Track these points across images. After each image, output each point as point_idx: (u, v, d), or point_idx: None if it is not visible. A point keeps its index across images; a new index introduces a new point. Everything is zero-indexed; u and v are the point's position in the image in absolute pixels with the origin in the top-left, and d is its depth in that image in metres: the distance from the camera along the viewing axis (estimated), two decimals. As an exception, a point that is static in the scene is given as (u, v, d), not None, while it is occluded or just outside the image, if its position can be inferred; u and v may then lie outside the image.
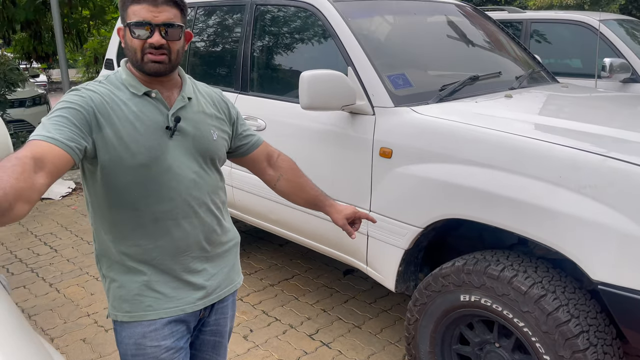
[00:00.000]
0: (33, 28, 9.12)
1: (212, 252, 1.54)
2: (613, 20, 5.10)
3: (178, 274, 1.47)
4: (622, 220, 1.68)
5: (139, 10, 1.32)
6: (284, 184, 1.72)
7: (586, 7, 11.14)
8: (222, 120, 1.56)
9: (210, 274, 1.54)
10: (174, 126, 1.40)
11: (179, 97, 1.44)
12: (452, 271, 2.08)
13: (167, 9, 1.34)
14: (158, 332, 1.45)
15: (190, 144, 1.44)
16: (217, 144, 1.52)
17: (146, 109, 1.38)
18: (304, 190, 1.74)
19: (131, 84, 1.39)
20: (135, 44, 1.34)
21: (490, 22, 3.45)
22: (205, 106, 1.51)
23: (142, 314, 1.44)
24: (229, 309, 1.65)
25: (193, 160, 1.45)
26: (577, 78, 4.57)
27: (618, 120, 2.35)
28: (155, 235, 1.42)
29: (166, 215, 1.42)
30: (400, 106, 2.35)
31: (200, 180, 1.47)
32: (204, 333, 1.62)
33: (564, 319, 1.80)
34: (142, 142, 1.35)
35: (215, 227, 1.53)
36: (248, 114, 2.99)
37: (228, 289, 1.61)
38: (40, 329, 3.08)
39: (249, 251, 4.12)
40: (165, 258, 1.45)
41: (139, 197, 1.39)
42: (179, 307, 1.47)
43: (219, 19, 3.44)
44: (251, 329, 3.03)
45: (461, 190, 2.04)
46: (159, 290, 1.45)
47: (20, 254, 4.18)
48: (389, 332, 2.98)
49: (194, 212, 1.46)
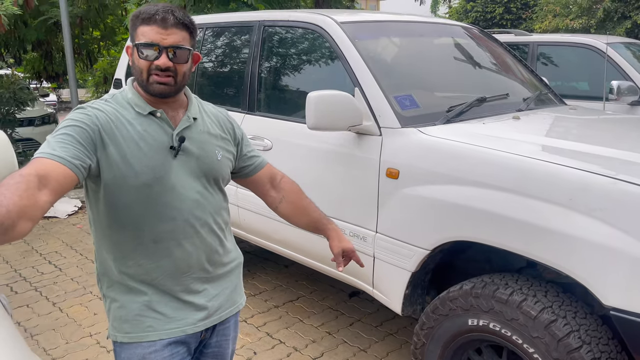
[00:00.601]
0: (44, 48, 9.24)
1: (214, 273, 1.53)
2: (620, 44, 5.11)
3: (179, 294, 1.46)
4: (633, 243, 1.65)
5: (148, 32, 1.33)
6: (286, 206, 1.71)
7: (592, 30, 11.19)
8: (227, 140, 1.56)
9: (211, 295, 1.52)
10: (178, 146, 1.40)
11: (184, 117, 1.44)
12: (460, 294, 2.04)
13: (176, 32, 1.35)
14: (158, 353, 1.43)
15: (194, 164, 1.44)
16: (222, 164, 1.51)
17: (151, 129, 1.38)
18: (306, 213, 1.72)
19: (137, 104, 1.39)
20: (142, 65, 1.35)
21: (497, 44, 3.46)
22: (210, 126, 1.51)
23: (142, 334, 1.42)
24: (231, 330, 1.63)
25: (197, 180, 1.45)
26: (584, 100, 4.56)
27: (627, 143, 2.33)
28: (157, 255, 1.41)
29: (168, 235, 1.41)
30: (407, 127, 2.34)
31: (203, 200, 1.46)
32: (205, 355, 1.60)
33: (575, 345, 1.75)
34: (145, 162, 1.35)
35: (217, 248, 1.52)
36: (255, 134, 3.00)
37: (230, 310, 1.59)
38: (42, 349, 3.05)
39: (253, 272, 4.08)
40: (166, 278, 1.43)
41: (141, 217, 1.38)
42: (180, 327, 1.45)
43: (227, 40, 3.47)
44: (255, 351, 2.99)
45: (469, 212, 2.02)
46: (159, 310, 1.43)
47: (24, 273, 4.16)
48: (395, 356, 2.92)
49: (195, 232, 1.45)
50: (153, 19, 1.33)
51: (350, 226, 2.51)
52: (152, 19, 1.33)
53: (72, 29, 7.88)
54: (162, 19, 1.33)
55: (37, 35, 8.22)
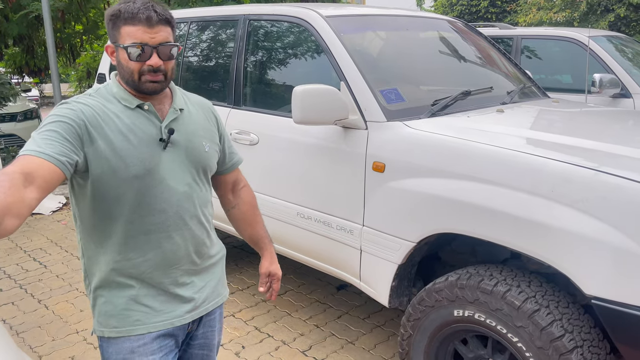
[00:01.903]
0: (25, 42, 9.11)
1: (201, 265, 1.54)
2: (602, 37, 5.17)
3: (167, 287, 1.47)
4: (614, 234, 1.68)
5: (134, 32, 1.32)
6: (237, 213, 1.75)
7: (576, 23, 11.30)
8: (213, 131, 1.57)
9: (198, 287, 1.54)
10: (167, 138, 1.40)
11: (171, 109, 1.44)
12: (446, 286, 2.07)
13: (162, 29, 1.35)
14: (147, 346, 1.44)
15: (183, 156, 1.44)
16: (209, 155, 1.52)
17: (139, 122, 1.38)
18: (253, 226, 1.76)
19: (123, 97, 1.39)
20: (132, 66, 1.34)
21: (482, 37, 3.48)
22: (196, 117, 1.52)
23: (130, 328, 1.43)
24: (217, 321, 1.65)
25: (186, 172, 1.45)
26: (567, 93, 4.62)
27: (609, 135, 2.37)
28: (146, 248, 1.42)
29: (158, 228, 1.42)
30: (393, 121, 2.35)
31: (192, 192, 1.47)
32: (192, 347, 1.61)
33: (558, 334, 1.79)
34: (135, 154, 1.35)
35: (204, 240, 1.54)
36: (241, 128, 2.99)
37: (215, 302, 1.61)
38: (29, 346, 3.03)
39: (241, 266, 4.09)
40: (155, 271, 1.44)
41: (131, 210, 1.38)
42: (167, 320, 1.47)
43: (213, 34, 3.46)
44: (243, 345, 3.00)
45: (454, 205, 2.04)
46: (147, 304, 1.44)
47: (9, 270, 4.12)
48: (383, 348, 2.95)
49: (185, 225, 1.46)
50: (137, 18, 1.31)
51: (337, 220, 2.52)
52: (137, 18, 1.31)
53: (54, 22, 7.77)
54: (147, 17, 1.32)
55: (18, 29, 8.09)
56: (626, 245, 1.65)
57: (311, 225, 2.65)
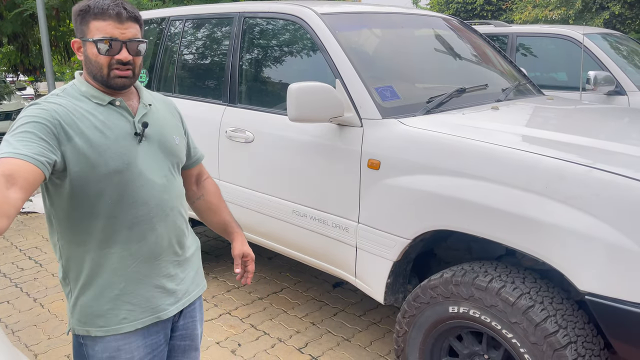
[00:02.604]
0: (20, 41, 9.07)
1: (183, 256, 1.57)
2: (597, 34, 5.19)
3: (152, 280, 1.48)
4: (608, 230, 1.69)
5: (104, 27, 1.34)
6: (202, 203, 1.78)
7: (571, 21, 11.33)
8: (180, 127, 1.63)
9: (180, 279, 1.56)
10: (142, 132, 1.43)
11: (141, 104, 1.48)
12: (441, 283, 2.08)
13: (132, 25, 1.38)
14: (133, 343, 1.46)
15: (157, 149, 1.48)
16: (180, 148, 1.58)
17: (112, 117, 1.41)
18: (219, 213, 1.79)
19: (93, 95, 1.41)
20: (102, 60, 1.36)
21: (477, 35, 3.49)
22: (164, 113, 1.57)
23: (117, 327, 1.44)
24: (197, 312, 1.67)
25: (162, 165, 1.49)
26: (562, 91, 4.64)
27: (603, 132, 2.38)
28: (131, 242, 1.43)
29: (141, 220, 1.44)
30: (388, 118, 2.36)
31: (169, 184, 1.51)
32: (174, 338, 1.63)
33: (552, 329, 1.80)
34: (113, 149, 1.37)
35: (184, 230, 1.58)
36: (236, 126, 2.99)
37: (196, 292, 1.64)
38: (24, 345, 3.03)
39: (237, 264, 4.08)
40: (140, 264, 1.46)
41: (113, 204, 1.39)
42: (153, 315, 1.49)
43: (208, 32, 3.45)
44: (239, 343, 3.00)
45: (449, 202, 2.05)
46: (132, 302, 1.46)
47: (4, 269, 4.11)
48: (379, 345, 2.96)
49: (166, 216, 1.49)
50: (107, 13, 1.34)
51: (333, 217, 2.53)
52: (107, 13, 1.34)
53: (49, 21, 7.74)
54: (117, 13, 1.35)
55: (12, 27, 8.06)
56: (620, 241, 1.66)
57: (306, 222, 2.66)
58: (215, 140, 3.12)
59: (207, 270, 4.00)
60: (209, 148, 3.16)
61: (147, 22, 3.96)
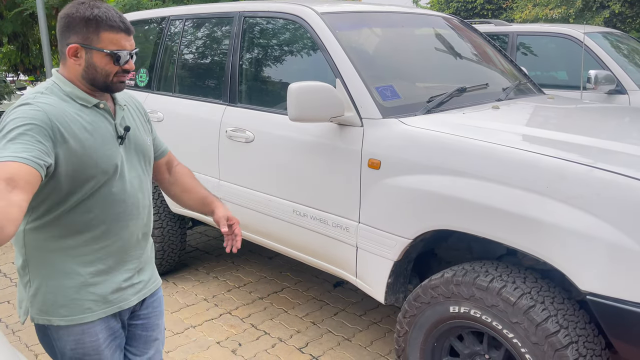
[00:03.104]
0: (20, 40, 9.06)
1: (144, 250, 1.66)
2: (598, 33, 5.18)
3: (118, 273, 1.56)
4: (609, 230, 1.69)
5: (117, 39, 1.44)
6: (178, 186, 1.84)
7: (571, 20, 11.32)
8: (146, 124, 1.71)
9: (142, 271, 1.65)
10: (124, 135, 1.52)
11: (117, 106, 1.55)
12: (442, 282, 2.07)
13: (132, 37, 1.50)
14: (96, 327, 1.54)
15: (133, 150, 1.57)
16: (150, 146, 1.66)
17: (97, 119, 1.47)
18: (196, 191, 1.83)
19: (79, 97, 1.46)
20: (111, 69, 1.45)
21: (477, 34, 3.48)
22: (134, 112, 1.65)
23: (81, 316, 1.50)
24: (159, 303, 1.76)
25: (137, 165, 1.58)
26: (562, 90, 4.62)
27: (604, 131, 2.37)
28: (105, 237, 1.50)
29: (118, 217, 1.51)
30: (388, 118, 2.35)
31: (142, 183, 1.60)
32: (136, 328, 1.70)
33: (553, 329, 1.79)
34: (102, 151, 1.44)
35: (150, 226, 1.67)
36: (236, 126, 2.99)
37: (155, 284, 1.73)
38: (24, 345, 3.02)
39: (237, 264, 4.09)
40: (109, 258, 1.53)
41: (94, 203, 1.46)
42: (116, 305, 1.57)
43: (208, 31, 3.45)
44: (240, 342, 3.00)
45: (449, 202, 2.04)
46: (97, 292, 1.52)
47: (4, 269, 4.11)
48: (379, 345, 2.96)
49: (138, 213, 1.58)
50: (117, 26, 1.44)
51: (333, 217, 2.52)
52: (117, 27, 1.44)
53: (49, 20, 7.73)
54: (126, 28, 1.46)
55: (12, 27, 8.05)
56: (621, 241, 1.66)
57: (307, 222, 2.65)
58: (215, 140, 3.11)
59: (208, 269, 4.00)
60: (209, 148, 3.16)
61: (147, 21, 3.95)
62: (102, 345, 1.56)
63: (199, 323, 3.22)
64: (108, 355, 1.58)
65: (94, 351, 1.55)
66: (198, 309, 3.40)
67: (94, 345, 1.54)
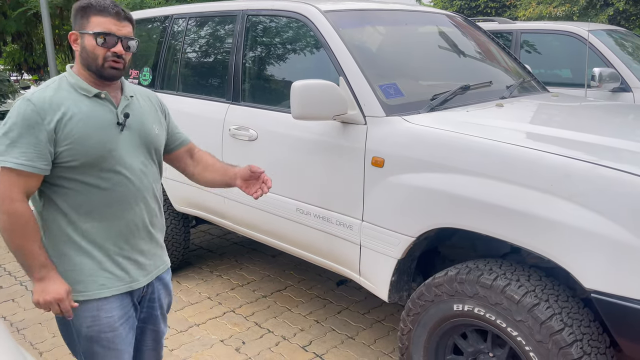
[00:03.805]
0: (24, 40, 9.08)
1: (154, 235, 1.78)
2: (602, 31, 5.16)
3: (127, 254, 1.68)
4: (613, 227, 1.68)
5: (104, 22, 1.55)
6: (203, 167, 1.95)
7: (575, 18, 11.28)
8: (160, 117, 1.81)
9: (151, 254, 1.77)
10: (123, 122, 1.63)
11: (123, 96, 1.67)
12: (445, 280, 2.07)
13: (127, 25, 1.60)
14: (111, 304, 1.66)
15: (136, 137, 1.67)
16: (159, 136, 1.76)
17: (97, 109, 1.59)
18: (216, 166, 1.96)
19: (81, 87, 1.59)
20: (98, 52, 1.55)
21: (481, 32, 3.47)
22: (144, 104, 1.75)
23: (96, 292, 1.63)
24: (167, 285, 1.89)
25: (140, 152, 1.68)
26: (567, 88, 4.61)
27: (608, 129, 2.36)
28: (111, 219, 1.63)
29: (119, 200, 1.63)
30: (392, 115, 2.35)
31: (146, 169, 1.70)
32: (147, 308, 1.82)
33: (558, 327, 1.79)
34: (97, 138, 1.56)
35: (157, 212, 1.78)
36: (240, 124, 2.99)
37: (163, 267, 1.84)
38: (29, 343, 3.04)
39: (241, 262, 4.09)
40: (118, 239, 1.66)
41: (95, 186, 1.59)
42: (127, 284, 1.69)
43: (211, 30, 3.45)
44: (243, 341, 3.00)
45: (453, 199, 2.04)
46: (110, 270, 1.65)
47: (9, 267, 4.13)
48: (383, 343, 2.96)
49: (142, 198, 1.69)
50: (107, 11, 1.55)
51: (337, 215, 2.52)
52: (107, 11, 1.55)
53: (52, 19, 7.75)
54: (116, 12, 1.56)
55: (16, 26, 8.07)
56: (625, 238, 1.65)
57: (310, 220, 2.65)
58: (218, 138, 3.11)
59: (211, 268, 4.00)
60: (212, 146, 3.16)
61: (150, 20, 3.96)
62: (117, 323, 1.67)
63: (203, 321, 3.22)
64: (122, 333, 1.69)
65: (109, 328, 1.66)
66: (202, 307, 3.40)
67: (109, 322, 1.65)
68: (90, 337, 1.65)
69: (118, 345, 1.69)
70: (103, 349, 1.67)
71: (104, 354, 1.68)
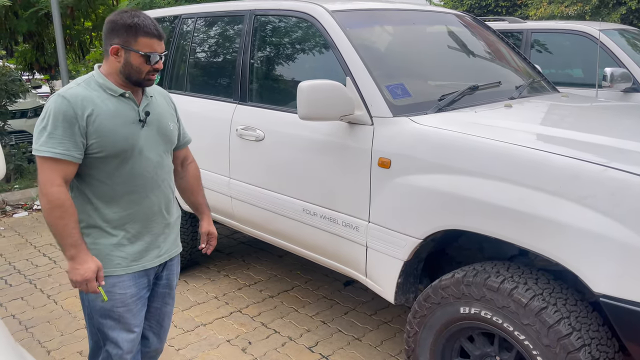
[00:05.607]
0: (35, 39, 9.12)
1: (170, 220, 1.98)
2: (614, 30, 5.10)
3: (143, 237, 1.88)
4: (623, 231, 1.65)
5: (151, 44, 1.76)
6: (184, 183, 2.17)
7: (587, 17, 11.16)
8: (173, 114, 2.03)
9: (165, 237, 1.96)
10: (144, 119, 1.83)
11: (144, 96, 1.87)
12: (452, 283, 2.05)
13: (162, 42, 1.82)
14: (125, 282, 1.86)
15: (155, 133, 1.87)
16: (174, 132, 1.98)
17: (121, 107, 1.80)
18: (195, 195, 2.18)
19: (109, 87, 1.79)
20: (144, 68, 1.78)
21: (490, 32, 3.44)
22: (161, 102, 1.96)
23: (113, 269, 1.83)
24: (176, 266, 2.09)
25: (158, 146, 1.89)
26: (578, 88, 4.56)
27: (619, 130, 2.33)
28: (130, 205, 1.83)
29: (138, 189, 1.84)
30: (399, 116, 2.33)
31: (162, 161, 1.91)
32: (157, 286, 2.03)
33: (566, 332, 1.77)
34: (120, 133, 1.77)
35: (171, 199, 1.99)
36: (247, 124, 2.98)
37: (175, 250, 2.05)
38: (37, 341, 3.06)
39: (248, 262, 4.09)
40: (136, 223, 1.86)
41: (117, 175, 1.79)
42: (141, 264, 1.89)
43: (219, 30, 3.45)
44: (250, 341, 3.00)
45: (460, 201, 2.02)
46: (125, 251, 1.85)
47: (18, 265, 4.16)
48: (389, 345, 2.94)
49: (158, 187, 1.89)
50: (152, 33, 1.76)
51: (343, 216, 2.51)
52: (152, 33, 1.76)
53: (63, 19, 7.79)
54: (158, 35, 1.78)
55: (28, 26, 8.11)
56: (635, 242, 1.62)
57: (317, 221, 2.64)
58: (225, 138, 3.11)
59: (219, 267, 4.01)
60: (219, 146, 3.16)
61: (159, 20, 3.96)
62: (129, 300, 1.87)
63: (210, 321, 3.23)
64: (134, 309, 1.89)
65: (122, 304, 1.85)
66: (209, 307, 3.41)
67: (122, 298, 1.85)
68: (103, 310, 1.85)
69: (128, 319, 1.88)
70: (114, 321, 1.87)
71: (114, 326, 1.88)
